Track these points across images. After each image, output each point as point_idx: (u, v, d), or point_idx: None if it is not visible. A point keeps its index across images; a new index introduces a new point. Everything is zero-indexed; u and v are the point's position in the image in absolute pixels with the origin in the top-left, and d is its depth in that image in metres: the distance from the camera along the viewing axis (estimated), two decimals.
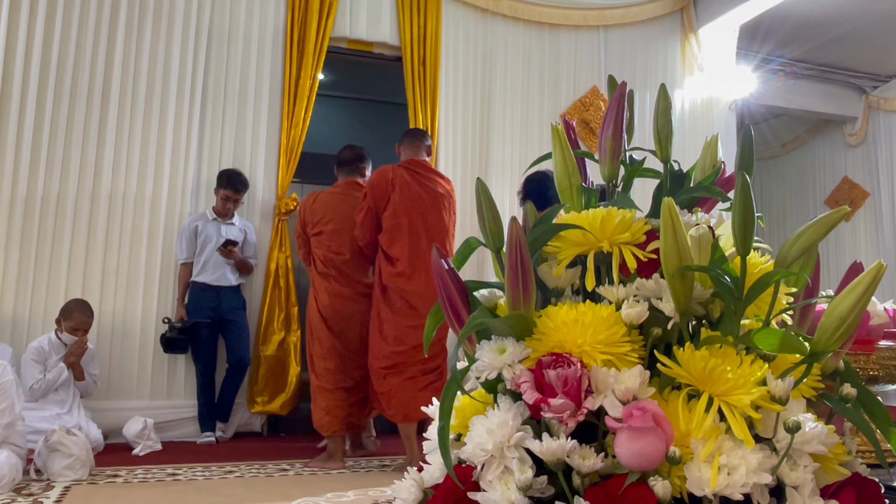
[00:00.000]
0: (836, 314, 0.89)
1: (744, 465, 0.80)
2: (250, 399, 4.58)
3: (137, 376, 4.38)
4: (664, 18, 6.11)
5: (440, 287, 1.00)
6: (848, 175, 7.68)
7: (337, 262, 3.75)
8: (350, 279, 3.77)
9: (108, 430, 4.05)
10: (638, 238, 1.02)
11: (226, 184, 4.44)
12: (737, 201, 0.90)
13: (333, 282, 3.75)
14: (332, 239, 3.75)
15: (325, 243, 3.76)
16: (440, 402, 0.94)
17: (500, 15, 5.57)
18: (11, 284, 4.18)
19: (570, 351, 0.90)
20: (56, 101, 4.37)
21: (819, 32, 6.36)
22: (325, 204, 3.81)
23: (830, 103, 7.35)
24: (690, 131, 5.91)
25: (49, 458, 3.06)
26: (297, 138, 4.86)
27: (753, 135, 1.10)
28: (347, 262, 3.75)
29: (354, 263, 3.75)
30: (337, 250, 3.75)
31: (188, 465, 3.51)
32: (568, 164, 1.13)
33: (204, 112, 4.71)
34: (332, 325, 3.72)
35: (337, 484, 3.12)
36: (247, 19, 4.87)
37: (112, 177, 4.45)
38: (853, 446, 0.93)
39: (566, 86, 5.75)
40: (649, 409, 0.82)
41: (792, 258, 0.94)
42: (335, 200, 3.83)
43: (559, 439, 0.85)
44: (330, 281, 3.75)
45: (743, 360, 0.87)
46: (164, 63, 4.63)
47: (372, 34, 5.16)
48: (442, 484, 0.95)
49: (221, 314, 4.44)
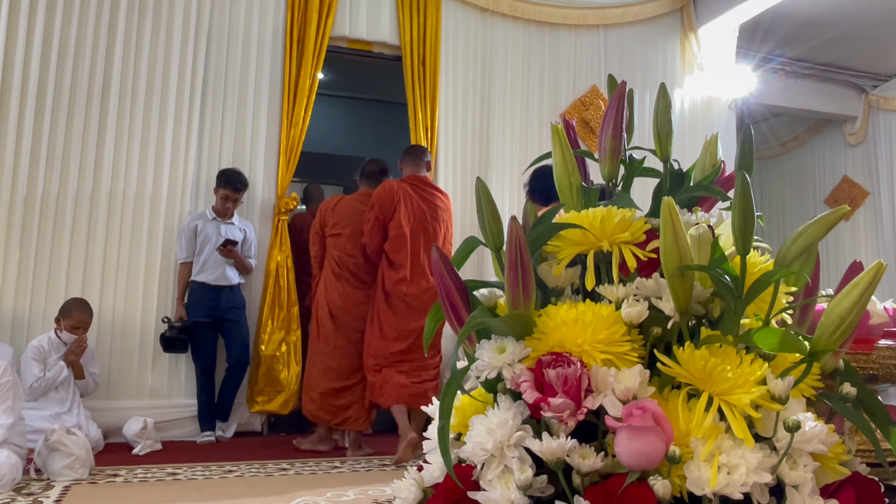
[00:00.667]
0: (835, 313, 0.89)
1: (744, 465, 0.80)
2: (250, 398, 4.58)
3: (137, 376, 4.38)
4: (664, 17, 6.11)
5: (440, 286, 1.00)
6: (848, 174, 7.68)
7: (350, 264, 4.04)
8: (361, 281, 4.05)
9: (108, 430, 4.05)
10: (638, 237, 1.02)
11: (225, 183, 4.44)
12: (736, 200, 0.90)
13: (345, 283, 4.04)
14: (348, 242, 4.04)
15: (342, 245, 4.05)
16: (440, 402, 0.94)
17: (499, 14, 5.57)
18: (11, 284, 4.17)
19: (570, 350, 0.90)
20: (56, 100, 4.37)
21: (819, 31, 6.36)
22: (346, 208, 4.10)
23: (830, 102, 7.35)
24: (690, 130, 5.91)
25: (49, 458, 3.06)
26: (297, 137, 4.86)
27: (753, 134, 1.10)
28: (360, 265, 4.04)
29: (366, 267, 4.04)
30: (352, 253, 4.04)
31: (188, 464, 3.51)
32: (568, 164, 1.13)
33: (204, 111, 4.71)
34: (340, 325, 4.00)
35: (337, 483, 3.12)
36: (246, 18, 4.87)
37: (112, 176, 4.45)
38: (853, 445, 0.93)
39: (566, 85, 5.74)
40: (649, 408, 0.82)
41: (792, 257, 0.94)
42: (356, 207, 4.10)
43: (559, 438, 0.85)
44: (342, 282, 4.04)
45: (743, 360, 0.87)
46: (164, 62, 4.62)
47: (372, 33, 5.16)
48: (442, 483, 0.95)
49: (221, 313, 4.44)
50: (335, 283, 4.03)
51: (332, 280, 4.04)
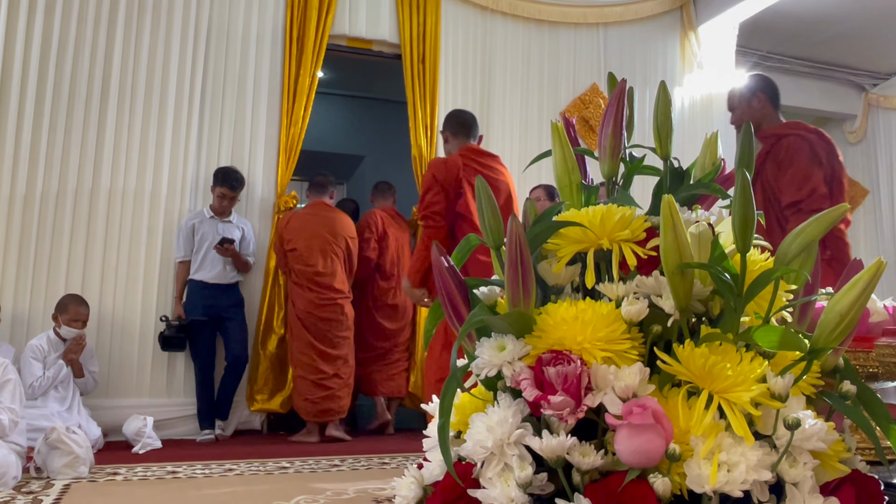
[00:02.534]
0: (835, 311, 0.89)
1: (743, 462, 0.80)
2: (250, 397, 4.58)
3: (137, 374, 4.38)
4: (664, 16, 6.11)
5: (440, 285, 1.00)
6: (847, 173, 7.67)
7: (309, 273, 4.44)
8: (320, 286, 4.45)
9: (108, 428, 4.04)
10: (638, 235, 1.02)
11: (221, 181, 4.44)
12: (737, 198, 0.90)
13: (307, 290, 4.44)
14: (303, 254, 4.45)
15: (298, 257, 4.45)
16: (440, 400, 0.94)
17: (499, 12, 5.56)
18: (11, 283, 4.17)
19: (570, 348, 0.90)
20: (55, 98, 4.37)
21: (818, 30, 6.36)
22: (296, 224, 4.50)
23: (830, 101, 7.35)
24: (690, 128, 5.91)
25: (49, 456, 3.06)
26: (297, 136, 4.86)
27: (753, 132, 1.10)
28: (319, 273, 4.45)
29: (325, 275, 4.46)
30: (310, 263, 4.44)
31: (188, 462, 3.51)
32: (568, 162, 1.13)
33: (203, 110, 4.70)
34: (307, 326, 4.41)
35: (337, 481, 3.12)
36: (246, 17, 4.86)
37: (111, 175, 4.45)
38: (853, 443, 0.93)
39: (566, 83, 5.74)
40: (649, 406, 0.82)
41: (792, 255, 0.94)
42: (306, 220, 4.53)
43: (559, 436, 0.85)
44: (304, 290, 4.45)
45: (743, 357, 0.87)
46: (164, 60, 4.62)
47: (371, 32, 5.15)
48: (442, 481, 0.95)
49: (219, 312, 4.44)
50: (298, 291, 4.47)
51: (295, 290, 4.49)
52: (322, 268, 4.45)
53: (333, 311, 4.46)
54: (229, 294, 4.51)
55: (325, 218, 4.59)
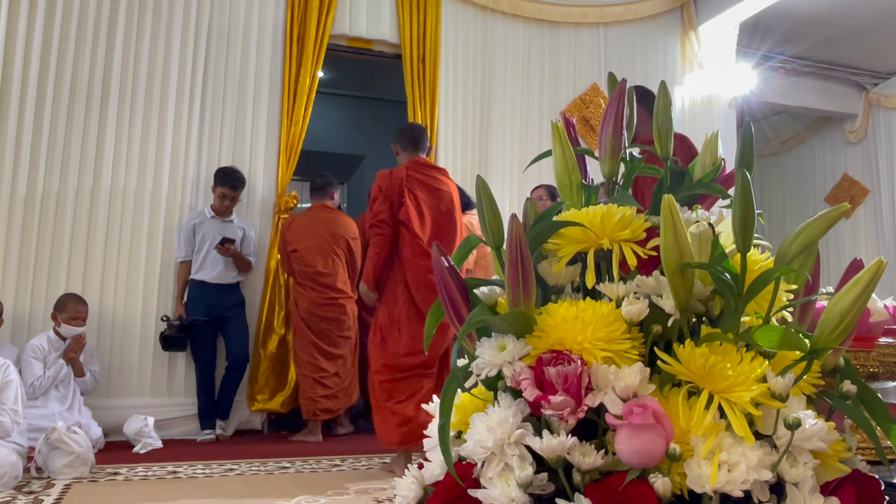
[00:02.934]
0: (836, 311, 0.89)
1: (744, 462, 0.80)
2: (251, 397, 4.58)
3: (138, 374, 4.38)
4: (664, 15, 6.11)
5: (440, 285, 1.00)
6: (848, 172, 7.68)
7: (310, 273, 4.48)
8: (322, 285, 4.49)
9: (109, 428, 4.05)
10: (638, 235, 1.02)
11: (222, 181, 4.44)
12: (737, 198, 0.90)
13: (309, 290, 4.49)
14: (304, 255, 4.48)
15: (300, 259, 4.49)
16: (440, 400, 0.94)
17: (499, 12, 5.56)
18: (12, 283, 4.17)
19: (571, 348, 0.90)
20: (56, 98, 4.37)
21: (819, 29, 6.35)
22: (297, 227, 4.56)
23: (830, 100, 7.35)
24: (690, 128, 5.88)
25: (50, 456, 3.06)
26: (297, 136, 4.86)
27: (753, 132, 1.10)
28: (319, 273, 4.48)
29: (326, 275, 4.50)
30: (310, 264, 4.48)
31: (189, 462, 3.51)
32: (568, 162, 1.13)
33: (203, 110, 4.70)
34: (310, 326, 4.46)
35: (337, 481, 3.12)
36: (246, 17, 4.86)
37: (112, 175, 4.45)
38: (853, 443, 0.93)
39: (566, 83, 5.74)
40: (649, 406, 0.82)
41: (792, 255, 0.94)
42: (306, 222, 4.57)
43: (559, 436, 0.85)
44: (306, 290, 4.50)
45: (743, 357, 0.87)
46: (164, 61, 4.62)
47: (371, 32, 5.15)
48: (442, 481, 0.95)
49: (220, 312, 4.44)
50: (301, 291, 4.53)
51: (298, 290, 4.56)
52: (323, 268, 4.49)
53: (335, 311, 4.50)
54: (230, 294, 4.51)
55: (326, 219, 4.61)
